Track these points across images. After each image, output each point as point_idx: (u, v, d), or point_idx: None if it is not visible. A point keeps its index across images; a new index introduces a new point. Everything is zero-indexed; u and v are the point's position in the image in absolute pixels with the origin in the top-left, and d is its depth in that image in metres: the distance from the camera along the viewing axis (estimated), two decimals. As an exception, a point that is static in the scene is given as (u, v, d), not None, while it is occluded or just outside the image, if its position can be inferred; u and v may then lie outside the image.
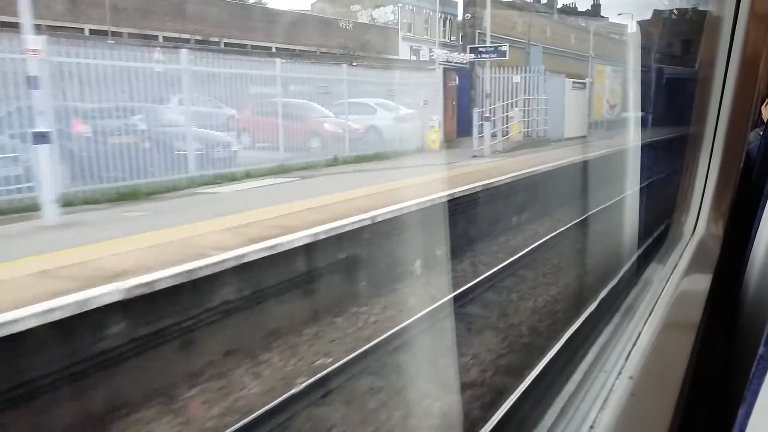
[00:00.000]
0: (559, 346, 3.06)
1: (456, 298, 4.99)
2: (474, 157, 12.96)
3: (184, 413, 3.60)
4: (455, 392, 3.66)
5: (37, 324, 3.19)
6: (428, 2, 35.80)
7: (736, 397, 0.76)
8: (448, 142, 15.23)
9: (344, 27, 30.03)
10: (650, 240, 2.54)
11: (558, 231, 7.57)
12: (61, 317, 3.29)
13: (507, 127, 15.96)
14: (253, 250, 4.50)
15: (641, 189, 3.40)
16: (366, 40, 29.29)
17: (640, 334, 1.33)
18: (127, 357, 3.62)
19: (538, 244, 6.86)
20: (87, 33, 19.56)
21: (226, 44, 23.34)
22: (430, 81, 15.60)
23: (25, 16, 5.62)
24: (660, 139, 4.05)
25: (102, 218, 6.55)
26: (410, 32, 35.69)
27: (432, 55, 28.15)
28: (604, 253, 6.22)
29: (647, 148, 3.87)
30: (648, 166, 3.62)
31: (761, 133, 2.87)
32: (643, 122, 4.24)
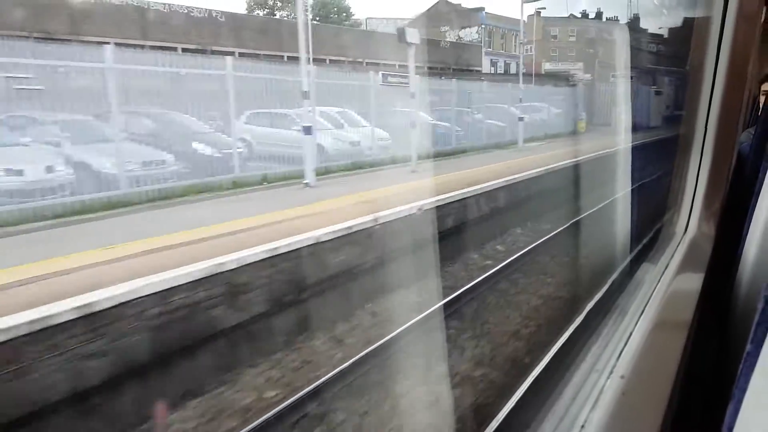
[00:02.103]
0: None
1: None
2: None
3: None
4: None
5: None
6: (504, 22, 45.79)
7: (726, 395, 0.76)
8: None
9: (443, 46, 38.45)
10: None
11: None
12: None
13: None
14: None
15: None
16: (459, 55, 38.05)
17: (631, 333, 1.32)
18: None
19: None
20: (285, 59, 25.18)
21: (366, 63, 29.87)
22: (576, 91, 28.50)
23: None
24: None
25: (527, 147, 17.39)
26: (490, 48, 45.17)
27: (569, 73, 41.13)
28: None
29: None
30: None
31: (752, 132, 2.89)
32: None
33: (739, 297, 1.51)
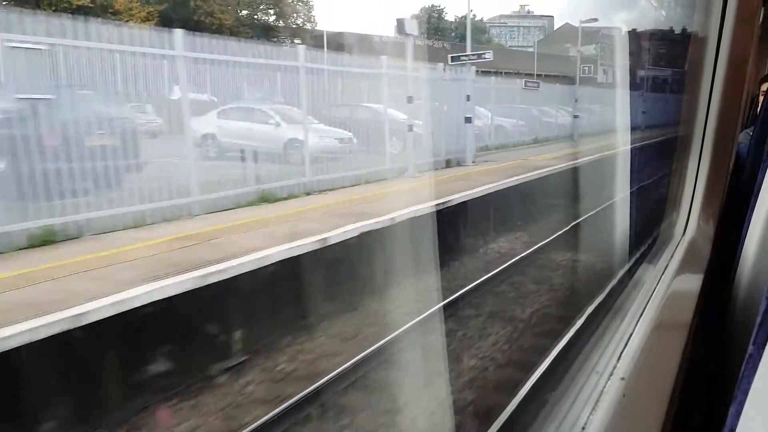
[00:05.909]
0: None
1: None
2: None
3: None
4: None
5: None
6: (611, 40, 54.55)
7: (727, 397, 0.75)
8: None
9: (572, 60, 48.24)
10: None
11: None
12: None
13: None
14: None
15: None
16: (582, 67, 46.96)
17: (631, 335, 1.31)
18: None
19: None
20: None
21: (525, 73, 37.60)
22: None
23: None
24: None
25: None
26: (602, 60, 53.05)
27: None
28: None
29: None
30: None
31: (751, 133, 2.88)
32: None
33: (738, 298, 1.50)
